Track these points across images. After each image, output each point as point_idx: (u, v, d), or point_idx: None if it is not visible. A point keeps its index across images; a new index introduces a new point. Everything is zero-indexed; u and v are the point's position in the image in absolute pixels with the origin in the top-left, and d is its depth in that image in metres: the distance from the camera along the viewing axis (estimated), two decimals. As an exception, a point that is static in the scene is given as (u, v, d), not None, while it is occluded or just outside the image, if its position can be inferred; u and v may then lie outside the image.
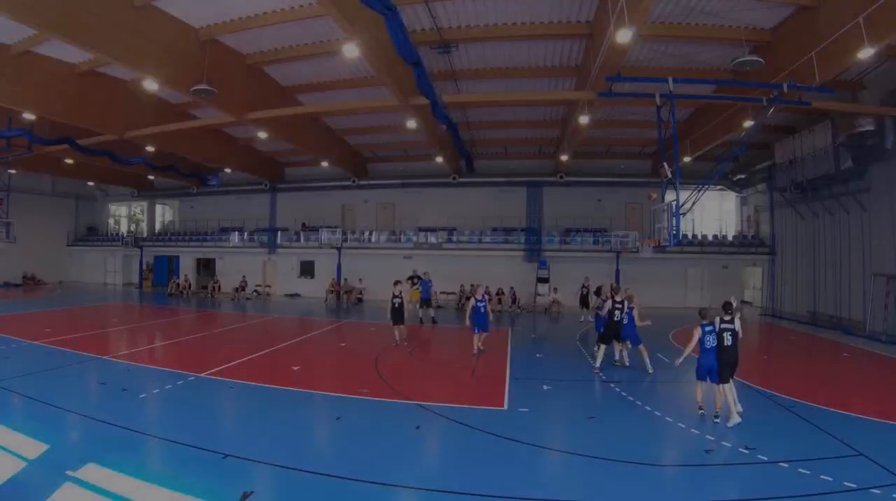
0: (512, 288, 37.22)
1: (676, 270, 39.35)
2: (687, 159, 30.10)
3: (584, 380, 16.15)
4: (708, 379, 11.96)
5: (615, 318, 17.21)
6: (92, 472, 8.28)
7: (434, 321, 28.26)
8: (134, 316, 30.71)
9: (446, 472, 9.13)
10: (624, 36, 16.69)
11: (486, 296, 20.42)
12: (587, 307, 28.42)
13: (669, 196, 21.43)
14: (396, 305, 20.30)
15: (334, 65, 26.22)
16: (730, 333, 11.86)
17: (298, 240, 45.82)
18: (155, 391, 13.55)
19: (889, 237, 25.60)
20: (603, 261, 38.74)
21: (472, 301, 19.47)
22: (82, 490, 7.75)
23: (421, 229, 43.40)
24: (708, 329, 11.93)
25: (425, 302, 28.91)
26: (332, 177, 46.31)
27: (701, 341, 12.03)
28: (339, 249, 42.37)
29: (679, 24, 21.12)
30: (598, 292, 20.39)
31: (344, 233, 43.16)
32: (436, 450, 10.47)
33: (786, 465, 9.11)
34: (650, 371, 16.87)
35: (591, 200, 42.61)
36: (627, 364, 17.82)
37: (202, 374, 15.36)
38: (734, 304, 12.49)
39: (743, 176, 38.54)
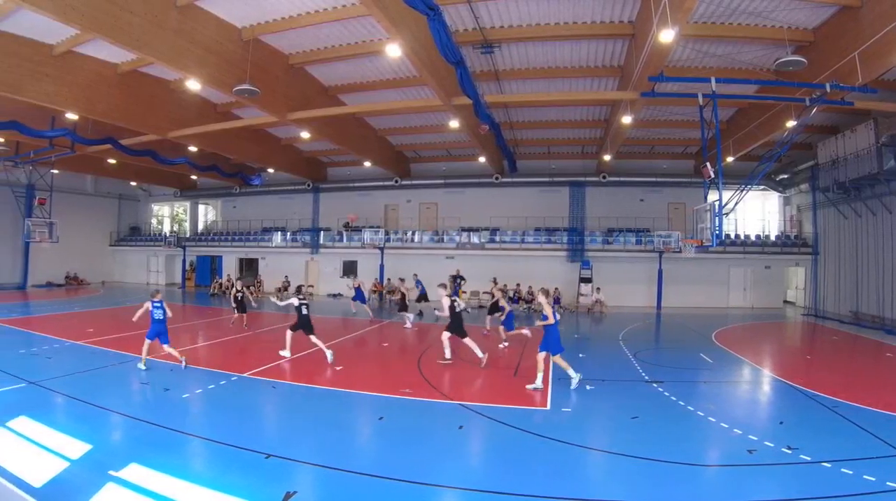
0: (556, 288, 37.02)
1: (719, 270, 39.16)
2: (729, 159, 29.98)
3: (628, 380, 16.07)
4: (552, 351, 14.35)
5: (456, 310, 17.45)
6: (135, 472, 8.34)
7: (420, 314, 29.99)
8: (176, 316, 30.57)
9: (489, 472, 9.13)
10: (667, 36, 16.70)
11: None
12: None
13: (712, 196, 21.39)
14: (239, 298, 23.77)
15: (377, 65, 26.46)
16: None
17: (341, 240, 46.02)
18: (198, 391, 13.63)
19: (931, 236, 25.30)
20: (646, 261, 38.87)
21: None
22: (125, 490, 7.80)
23: (463, 229, 43.50)
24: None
25: (422, 297, 30.38)
26: (374, 176, 46.54)
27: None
28: (381, 249, 42.54)
29: (721, 24, 21.11)
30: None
31: (387, 233, 43.32)
32: (479, 450, 10.46)
33: (828, 465, 9.06)
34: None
35: (633, 200, 42.56)
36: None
37: (245, 374, 15.47)
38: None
39: (786, 176, 38.29)
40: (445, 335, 17.52)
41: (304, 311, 17.94)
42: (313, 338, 17.91)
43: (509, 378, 15.67)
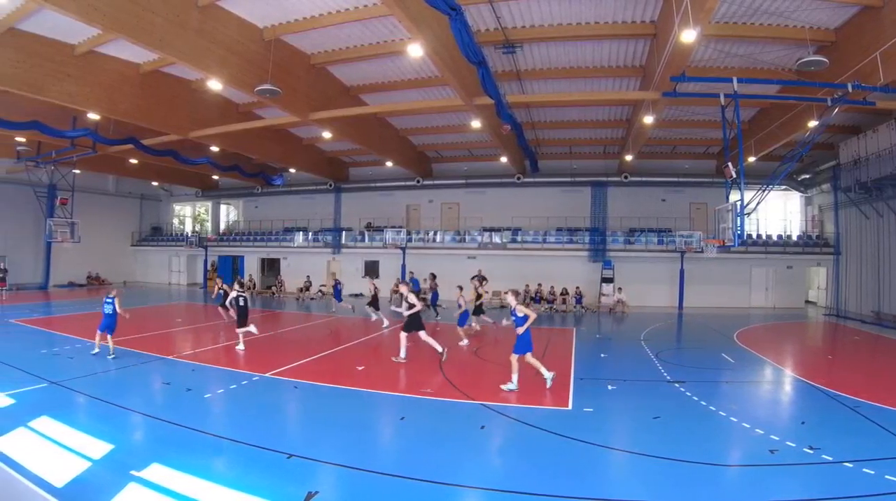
0: (577, 288, 37.12)
1: (741, 270, 39.10)
2: (751, 159, 29.89)
3: (650, 380, 16.08)
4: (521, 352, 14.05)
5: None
6: (156, 472, 8.37)
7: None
8: (198, 316, 30.98)
9: (511, 472, 9.13)
10: (688, 36, 16.65)
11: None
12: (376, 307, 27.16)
13: (734, 196, 21.39)
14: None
15: (398, 65, 26.52)
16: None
17: (363, 240, 46.19)
18: (219, 391, 13.71)
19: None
20: (667, 261, 38.83)
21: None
22: (147, 490, 7.83)
23: (485, 229, 43.53)
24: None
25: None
26: (396, 177, 46.63)
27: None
28: (403, 249, 42.59)
29: (743, 24, 21.05)
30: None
31: (408, 233, 43.40)
32: (500, 450, 10.45)
33: (850, 465, 9.04)
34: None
35: (655, 200, 42.49)
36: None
37: (266, 374, 15.49)
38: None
39: (807, 176, 38.30)
40: (403, 335, 17.91)
41: (242, 302, 19.34)
42: (248, 327, 19.43)
43: (531, 378, 15.69)
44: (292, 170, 46.95)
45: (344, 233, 47.42)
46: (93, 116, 28.26)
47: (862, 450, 9.70)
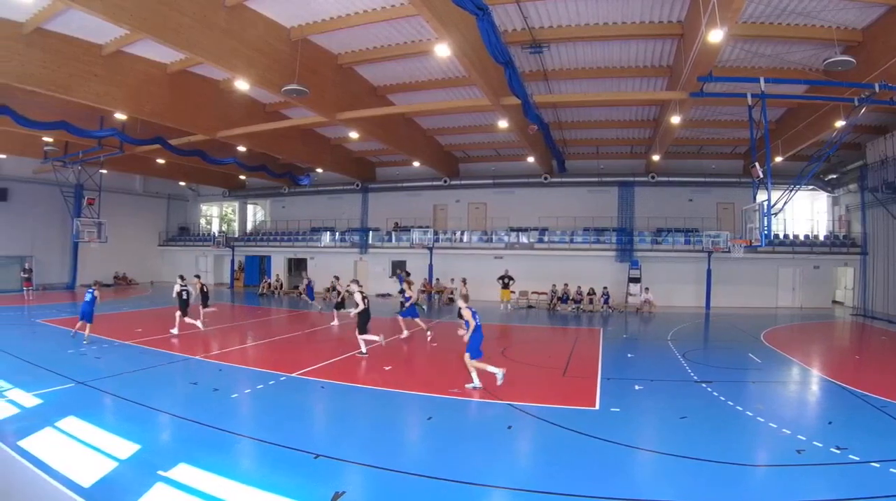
0: (605, 288, 36.96)
1: (768, 270, 38.92)
2: (778, 159, 29.72)
3: (677, 381, 16.03)
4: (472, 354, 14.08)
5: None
6: (183, 472, 8.42)
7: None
8: (225, 316, 30.88)
9: (538, 472, 9.15)
10: (715, 36, 16.68)
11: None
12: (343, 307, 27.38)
13: (761, 196, 21.33)
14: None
15: (425, 65, 26.57)
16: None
17: (390, 240, 46.25)
18: (246, 391, 13.78)
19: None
20: (694, 261, 38.68)
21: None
22: (174, 490, 7.86)
23: (512, 229, 43.57)
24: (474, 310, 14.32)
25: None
26: (423, 176, 46.62)
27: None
28: (430, 249, 42.56)
29: (770, 23, 20.99)
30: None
31: (435, 233, 43.38)
32: (527, 450, 10.50)
33: (877, 465, 9.01)
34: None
35: (682, 200, 42.32)
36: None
37: (293, 374, 15.52)
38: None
39: (834, 176, 38.20)
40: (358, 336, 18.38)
41: (185, 296, 20.90)
42: (187, 319, 21.30)
43: (558, 378, 15.69)
44: (319, 170, 47.10)
45: (371, 232, 47.55)
46: (120, 116, 28.40)
47: (889, 451, 9.66)
